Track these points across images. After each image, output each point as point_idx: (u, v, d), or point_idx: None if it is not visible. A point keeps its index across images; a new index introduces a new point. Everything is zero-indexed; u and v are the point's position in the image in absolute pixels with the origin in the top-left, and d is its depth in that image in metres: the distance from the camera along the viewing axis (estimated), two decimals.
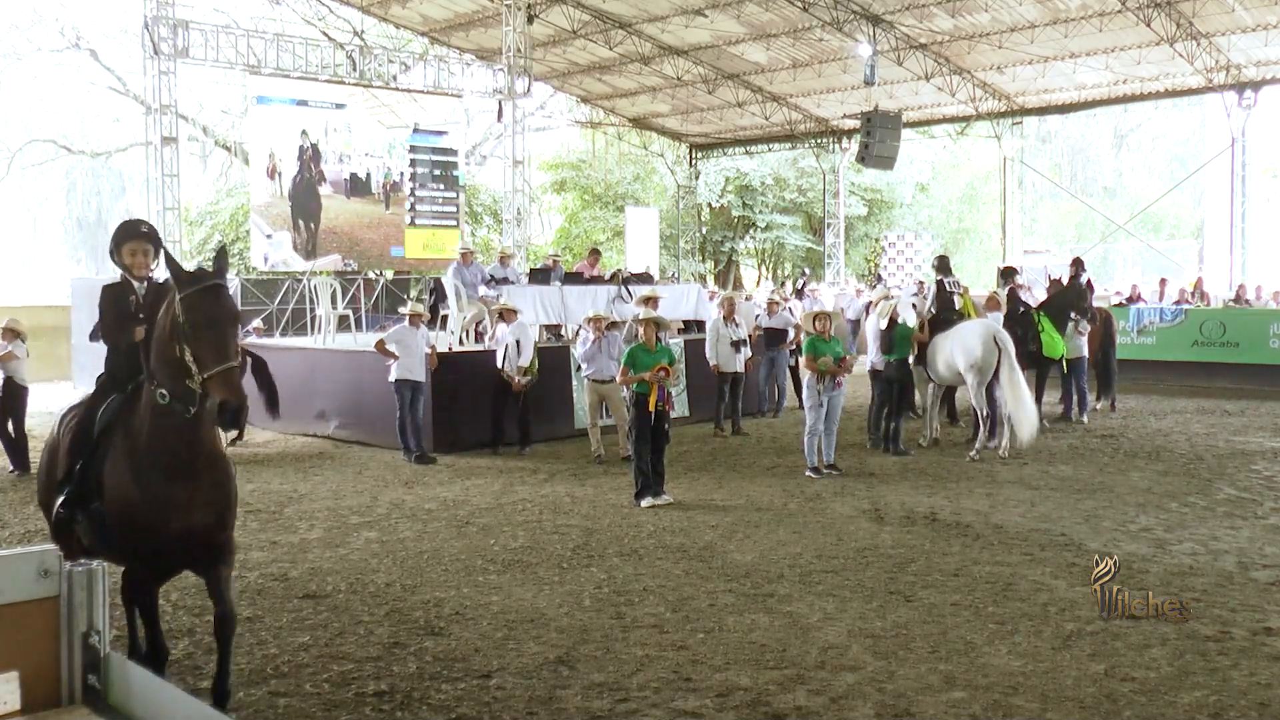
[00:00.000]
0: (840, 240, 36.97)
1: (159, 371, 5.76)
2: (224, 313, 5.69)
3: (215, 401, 5.47)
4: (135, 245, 6.46)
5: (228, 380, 5.49)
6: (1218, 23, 25.00)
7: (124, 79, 37.05)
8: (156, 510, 5.85)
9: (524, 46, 27.13)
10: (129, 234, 6.54)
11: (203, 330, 5.54)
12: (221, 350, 5.54)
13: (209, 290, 5.66)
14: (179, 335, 5.56)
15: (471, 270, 19.25)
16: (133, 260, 6.43)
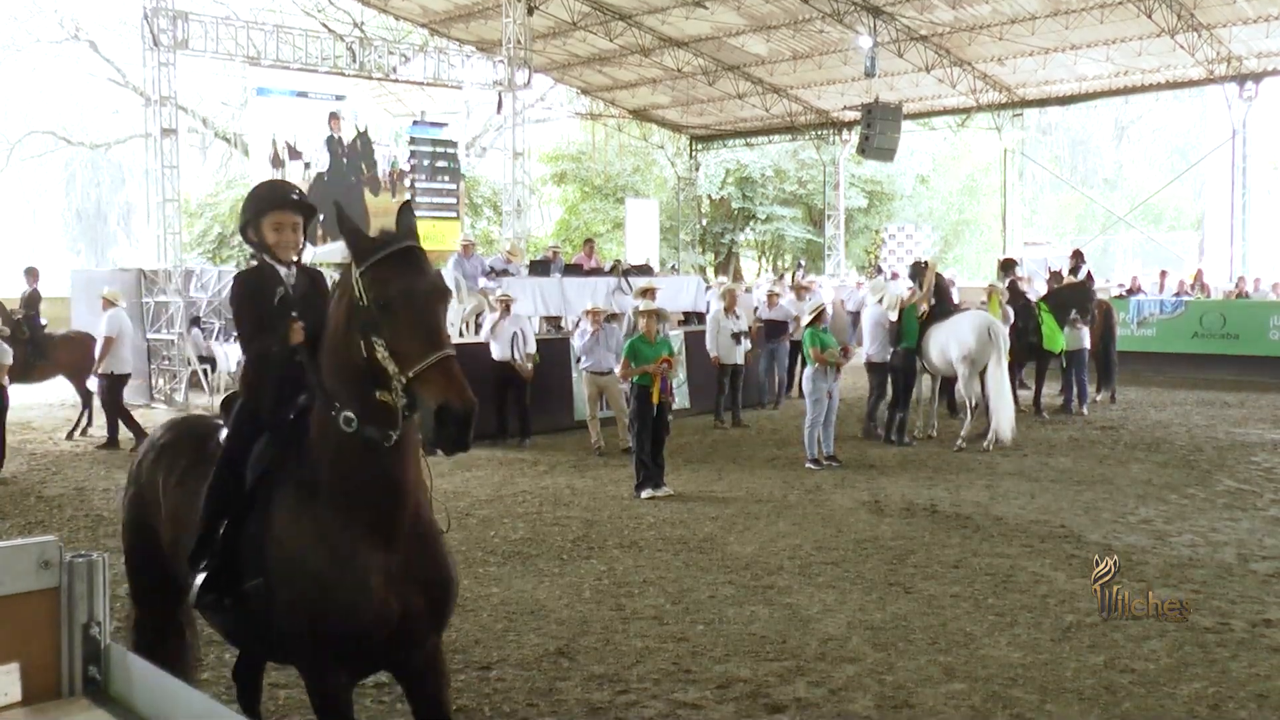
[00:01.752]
0: (840, 232, 36.96)
1: (338, 385, 4.35)
2: (427, 284, 4.26)
3: (429, 409, 3.97)
4: (281, 217, 4.95)
5: (446, 375, 4.01)
6: (1219, 14, 24.96)
7: (123, 70, 36.98)
8: (351, 587, 4.32)
9: (524, 38, 27.07)
10: (273, 202, 5.00)
11: (400, 310, 4.12)
12: (431, 334, 4.10)
13: (403, 255, 4.26)
14: (364, 326, 4.17)
15: (472, 262, 19.25)
16: (278, 238, 4.92)
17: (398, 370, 4.07)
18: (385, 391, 4.17)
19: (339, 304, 4.40)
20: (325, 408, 4.39)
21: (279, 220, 4.94)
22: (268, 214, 4.95)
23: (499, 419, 16.08)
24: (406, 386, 4.05)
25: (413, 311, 4.14)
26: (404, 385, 4.05)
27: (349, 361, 4.28)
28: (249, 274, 5.04)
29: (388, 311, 4.13)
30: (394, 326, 4.11)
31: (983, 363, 14.97)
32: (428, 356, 4.03)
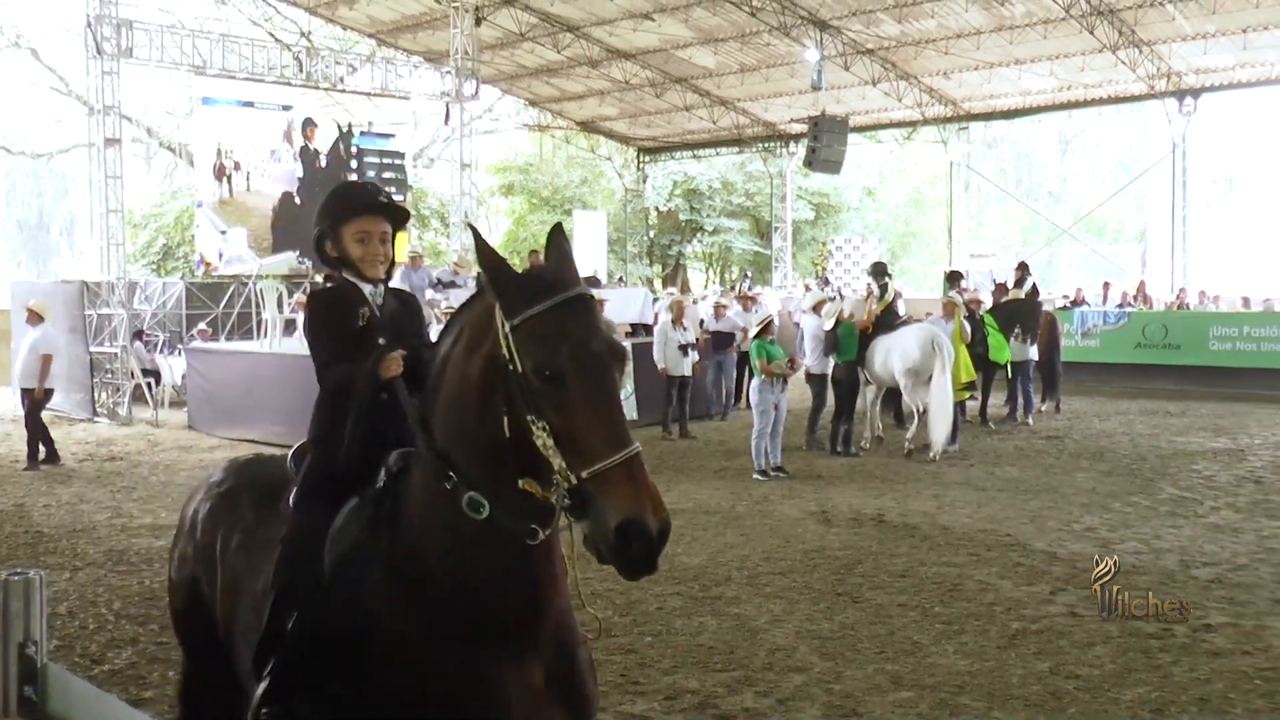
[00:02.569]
0: (788, 244, 37.11)
1: (462, 455, 3.43)
2: (608, 350, 3.31)
3: (609, 524, 3.08)
4: (367, 224, 4.09)
5: (634, 481, 3.16)
6: (1159, 31, 25.32)
7: (66, 79, 36.57)
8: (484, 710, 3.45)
9: (471, 49, 27.01)
10: (357, 206, 4.13)
11: (574, 385, 3.19)
12: (615, 423, 3.22)
13: (574, 307, 3.29)
14: (515, 398, 3.23)
15: (419, 274, 19.18)
16: (364, 250, 4.07)
17: (565, 466, 3.15)
18: (534, 482, 3.30)
19: (472, 357, 3.43)
20: (438, 477, 3.46)
21: (364, 229, 4.10)
22: (350, 221, 4.10)
23: None
24: (576, 487, 3.14)
25: (591, 390, 3.20)
26: (572, 485, 3.14)
27: (485, 435, 3.36)
28: (327, 294, 4.23)
29: (555, 385, 3.18)
30: (563, 407, 3.18)
31: (926, 374, 15.06)
32: (612, 453, 3.14)
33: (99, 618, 8.27)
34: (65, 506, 12.69)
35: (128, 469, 15.36)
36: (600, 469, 3.13)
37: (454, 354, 3.53)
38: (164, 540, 10.79)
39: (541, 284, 3.32)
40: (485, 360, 3.36)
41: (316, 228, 4.19)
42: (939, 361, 14.96)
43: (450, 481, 3.42)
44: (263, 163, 25.03)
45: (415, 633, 3.50)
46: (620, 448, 3.17)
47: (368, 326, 4.06)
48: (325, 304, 4.17)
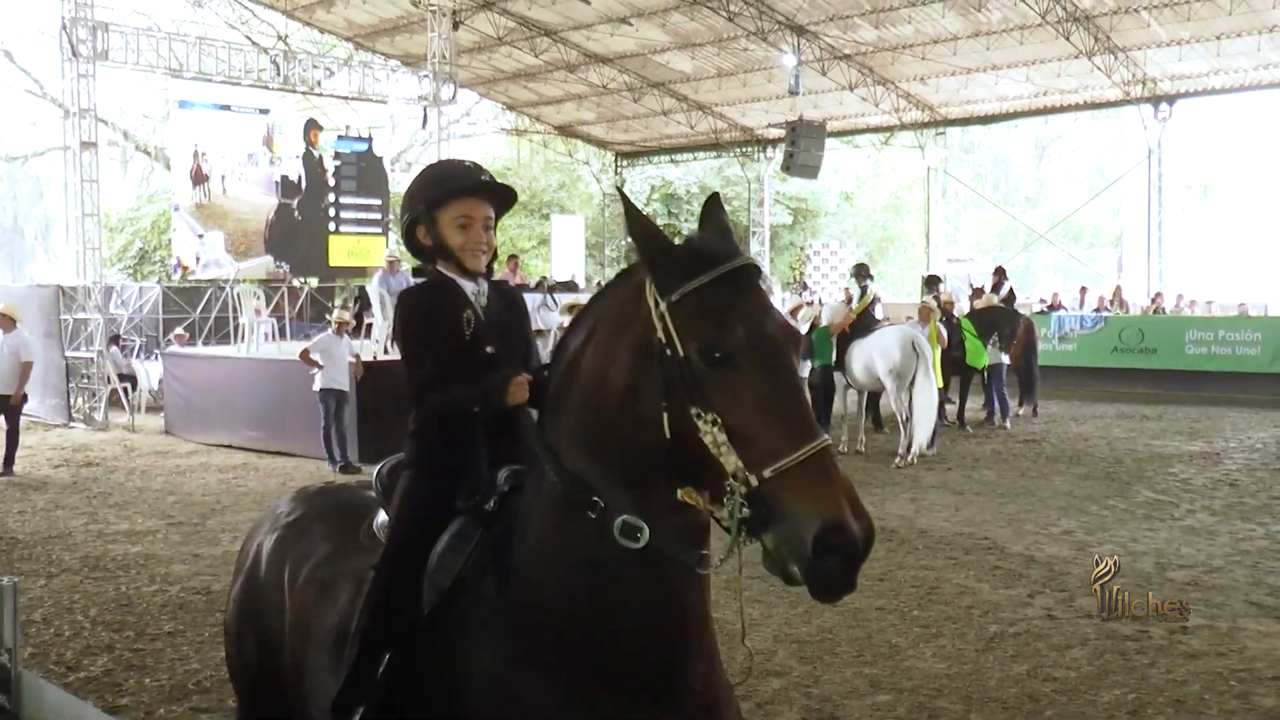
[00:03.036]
0: (766, 249, 37.14)
1: (611, 473, 2.93)
2: (784, 327, 2.89)
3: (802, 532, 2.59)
4: (469, 208, 3.56)
5: (827, 479, 2.63)
6: (1134, 37, 25.45)
7: (41, 82, 36.36)
8: None
9: (449, 53, 26.98)
10: (456, 187, 3.60)
11: (749, 368, 2.72)
12: (799, 411, 2.74)
13: (742, 279, 2.85)
14: (676, 389, 2.74)
15: (397, 279, 19.09)
16: (465, 238, 3.53)
17: (742, 465, 2.63)
18: (695, 492, 2.81)
19: (614, 349, 2.94)
20: (572, 506, 2.96)
21: (466, 213, 3.54)
22: (448, 205, 3.54)
23: None
24: (755, 491, 2.62)
25: (771, 372, 2.74)
26: (752, 489, 2.63)
27: (635, 441, 2.86)
28: (423, 293, 3.58)
29: (727, 369, 2.70)
30: (738, 395, 2.69)
31: (909, 376, 15.09)
32: (798, 446, 2.62)
33: (74, 625, 8.22)
34: (40, 513, 12.61)
35: (104, 475, 15.28)
36: (786, 465, 2.61)
37: (587, 351, 3.03)
38: (140, 546, 10.76)
39: (704, 253, 2.86)
40: (633, 349, 2.87)
41: (407, 213, 3.65)
42: (921, 363, 14.99)
43: (595, 509, 2.90)
44: (239, 166, 24.96)
45: (543, 686, 2.99)
46: (808, 439, 2.64)
47: (475, 333, 3.50)
48: (423, 305, 3.51)
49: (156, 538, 11.21)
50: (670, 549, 2.91)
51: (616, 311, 2.99)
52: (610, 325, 2.99)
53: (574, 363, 3.07)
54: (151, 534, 11.38)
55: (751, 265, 2.87)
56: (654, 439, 2.80)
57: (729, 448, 2.65)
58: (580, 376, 3.03)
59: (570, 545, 2.99)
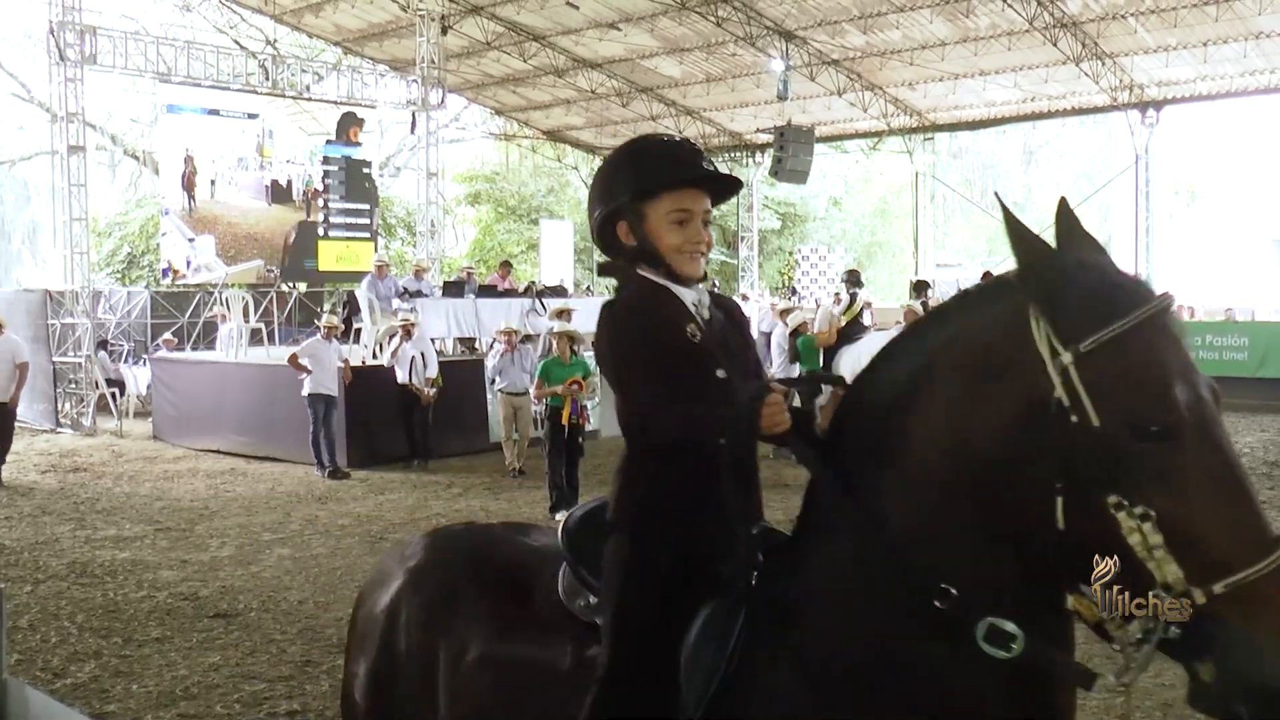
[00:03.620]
0: (754, 254, 37.19)
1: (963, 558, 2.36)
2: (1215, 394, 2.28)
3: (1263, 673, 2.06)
4: (691, 200, 2.93)
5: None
6: (1121, 43, 25.53)
7: (28, 85, 36.29)
8: None
9: (438, 58, 26.97)
10: (675, 175, 2.93)
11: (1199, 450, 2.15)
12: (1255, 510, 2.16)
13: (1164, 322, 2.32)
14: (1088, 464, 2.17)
15: (385, 283, 19.12)
16: (684, 238, 2.92)
17: (1183, 576, 2.10)
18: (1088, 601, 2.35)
19: (979, 398, 2.35)
20: (902, 589, 2.39)
21: (685, 207, 2.92)
22: (662, 196, 2.91)
23: (409, 443, 15.96)
24: (1199, 609, 2.09)
25: (1222, 454, 2.16)
26: (1195, 606, 2.09)
27: (1005, 526, 2.31)
28: (636, 300, 2.92)
29: (1164, 450, 2.13)
30: (1180, 484, 2.12)
31: None
32: (1261, 555, 2.07)
33: (61, 631, 8.20)
34: (27, 518, 12.58)
35: (91, 480, 15.24)
36: (1246, 580, 2.05)
37: (925, 394, 2.44)
38: (128, 552, 10.73)
39: (1118, 286, 2.35)
40: (1015, 409, 2.26)
41: (603, 205, 2.98)
42: None
43: (946, 600, 2.30)
44: (229, 170, 24.94)
45: None
46: (1273, 547, 2.07)
47: (700, 350, 2.87)
48: (639, 318, 2.85)
49: (144, 543, 11.19)
50: (1052, 664, 2.44)
51: (980, 348, 2.36)
52: (970, 366, 2.36)
53: (900, 406, 2.47)
54: (139, 540, 11.36)
55: (1173, 305, 2.34)
56: (1035, 527, 2.23)
57: (1165, 552, 2.08)
58: (916, 427, 2.43)
59: (901, 647, 2.38)
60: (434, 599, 3.24)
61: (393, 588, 3.38)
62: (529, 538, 3.44)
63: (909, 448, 2.43)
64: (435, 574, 3.33)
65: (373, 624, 3.39)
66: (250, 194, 25.35)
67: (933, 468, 2.38)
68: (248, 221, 25.30)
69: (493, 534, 3.62)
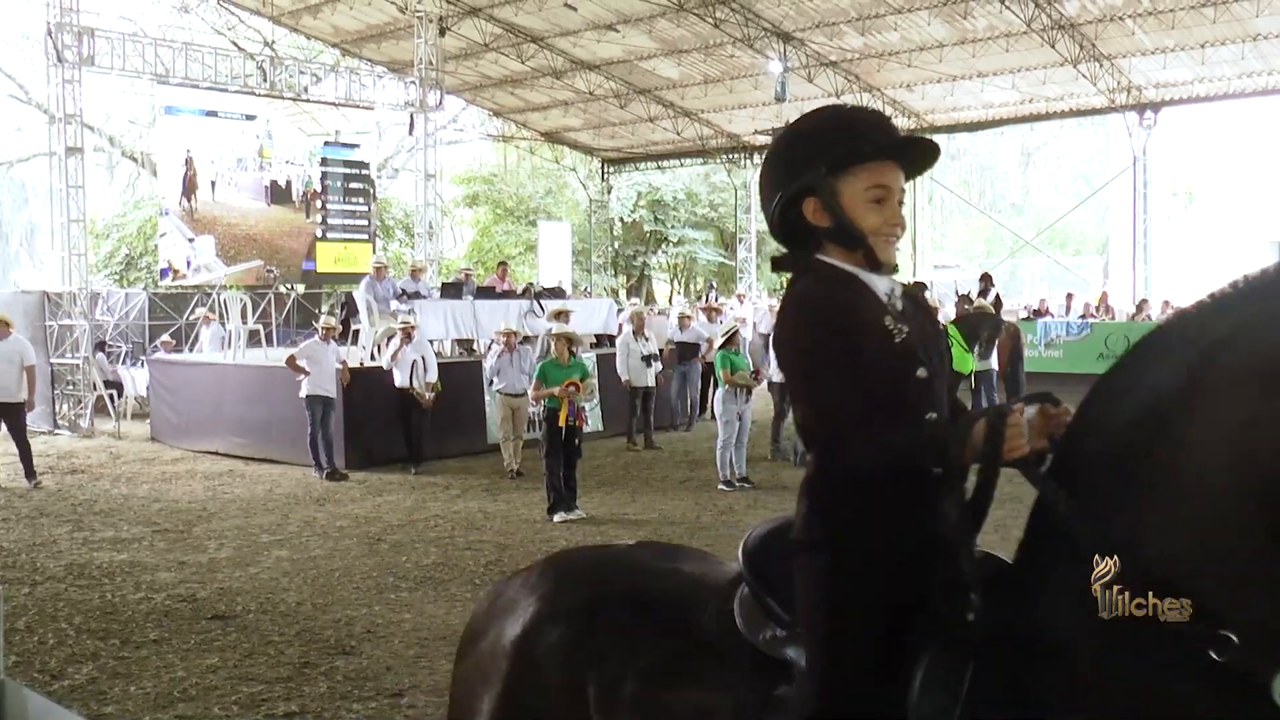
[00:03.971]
0: (752, 255, 37.19)
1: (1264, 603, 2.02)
2: None
3: None
4: (887, 175, 2.60)
5: None
6: (1119, 45, 25.56)
7: (26, 87, 36.27)
8: None
9: (436, 59, 26.96)
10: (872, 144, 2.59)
11: None
12: None
13: None
14: None
15: (384, 285, 19.09)
16: (881, 218, 2.58)
17: None
18: None
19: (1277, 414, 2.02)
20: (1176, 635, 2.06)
21: (885, 183, 2.59)
22: (856, 169, 2.57)
23: (407, 445, 15.92)
24: None
25: None
26: None
27: None
28: (824, 289, 2.55)
29: None
30: None
31: None
32: None
33: (59, 633, 8.19)
34: (25, 520, 12.56)
35: (89, 482, 15.23)
36: None
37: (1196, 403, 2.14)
38: (125, 553, 10.72)
39: None
40: None
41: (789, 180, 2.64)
42: None
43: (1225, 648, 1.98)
44: (229, 171, 24.94)
45: None
46: None
47: (900, 349, 2.51)
48: (833, 315, 2.49)
49: (142, 545, 11.18)
50: None
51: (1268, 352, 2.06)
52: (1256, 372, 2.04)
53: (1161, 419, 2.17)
54: (137, 541, 11.35)
55: None
56: None
57: None
58: (1185, 444, 2.11)
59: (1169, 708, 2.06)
60: (577, 627, 2.92)
61: (522, 617, 3.04)
62: (670, 560, 3.08)
63: (1177, 468, 2.10)
64: (573, 600, 3.00)
65: (498, 658, 3.05)
66: (250, 195, 25.35)
67: (1209, 492, 2.05)
68: (247, 222, 25.30)
69: (628, 557, 3.21)
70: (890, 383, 2.45)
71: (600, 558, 3.30)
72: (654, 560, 3.08)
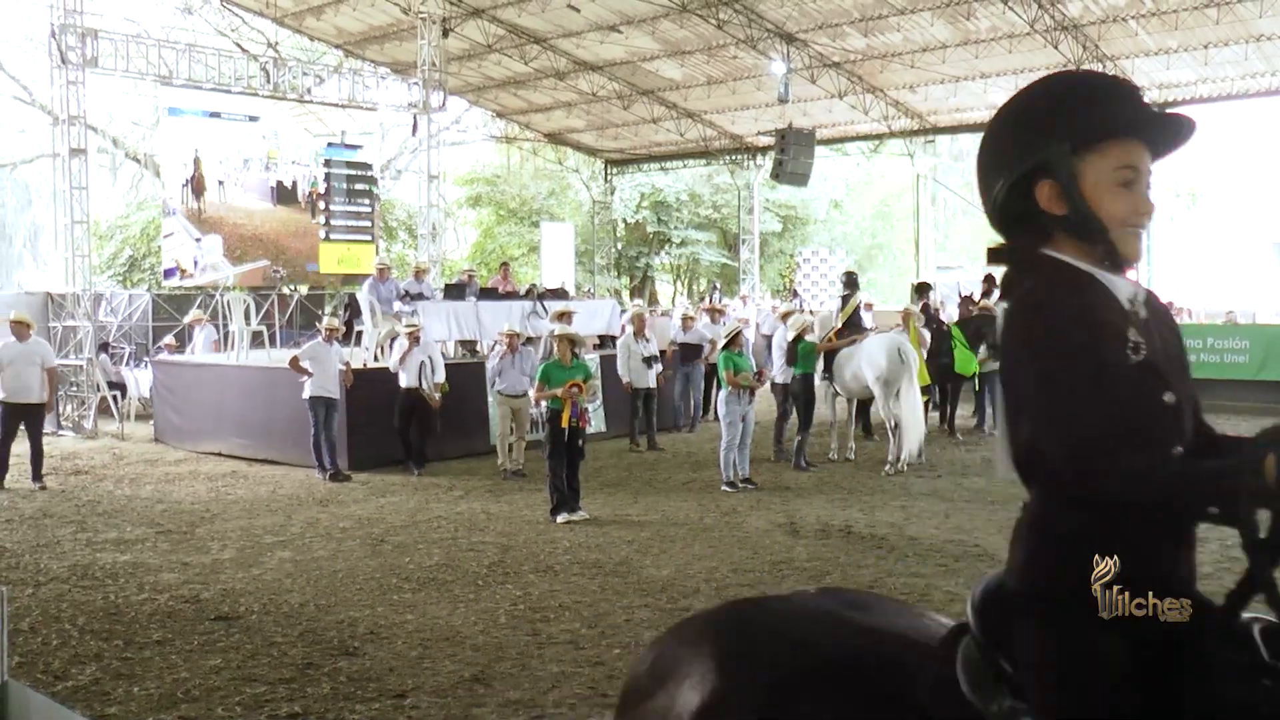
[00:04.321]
0: (755, 256, 37.18)
1: None
2: None
3: None
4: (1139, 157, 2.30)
5: None
6: (1122, 46, 25.53)
7: (30, 88, 36.29)
8: None
9: (439, 60, 26.98)
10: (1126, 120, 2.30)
11: None
12: None
13: None
14: None
15: (387, 286, 19.12)
16: (1129, 204, 2.30)
17: None
18: None
19: None
20: None
21: (1134, 164, 2.29)
22: (1108, 146, 2.26)
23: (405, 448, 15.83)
24: None
25: None
26: None
27: None
28: (1064, 292, 2.20)
29: None
30: None
31: (896, 383, 15.11)
32: None
33: (62, 633, 8.19)
34: (28, 521, 12.58)
35: (92, 483, 15.24)
36: None
37: None
38: (129, 554, 10.74)
39: None
40: None
41: (1018, 161, 2.30)
42: (906, 371, 15.04)
43: None
44: (235, 171, 24.96)
45: None
46: None
47: (1145, 366, 2.14)
48: (1072, 316, 2.14)
49: (145, 546, 11.19)
50: None
51: None
52: None
53: None
54: (140, 542, 11.36)
55: None
56: None
57: None
58: None
59: None
60: (774, 707, 2.41)
61: (701, 688, 2.52)
62: (866, 613, 2.62)
63: None
64: (763, 670, 2.48)
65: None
66: (256, 195, 25.38)
67: None
68: (253, 223, 25.33)
69: (818, 611, 2.68)
70: (1134, 408, 2.08)
71: (785, 612, 2.70)
72: (848, 614, 2.60)
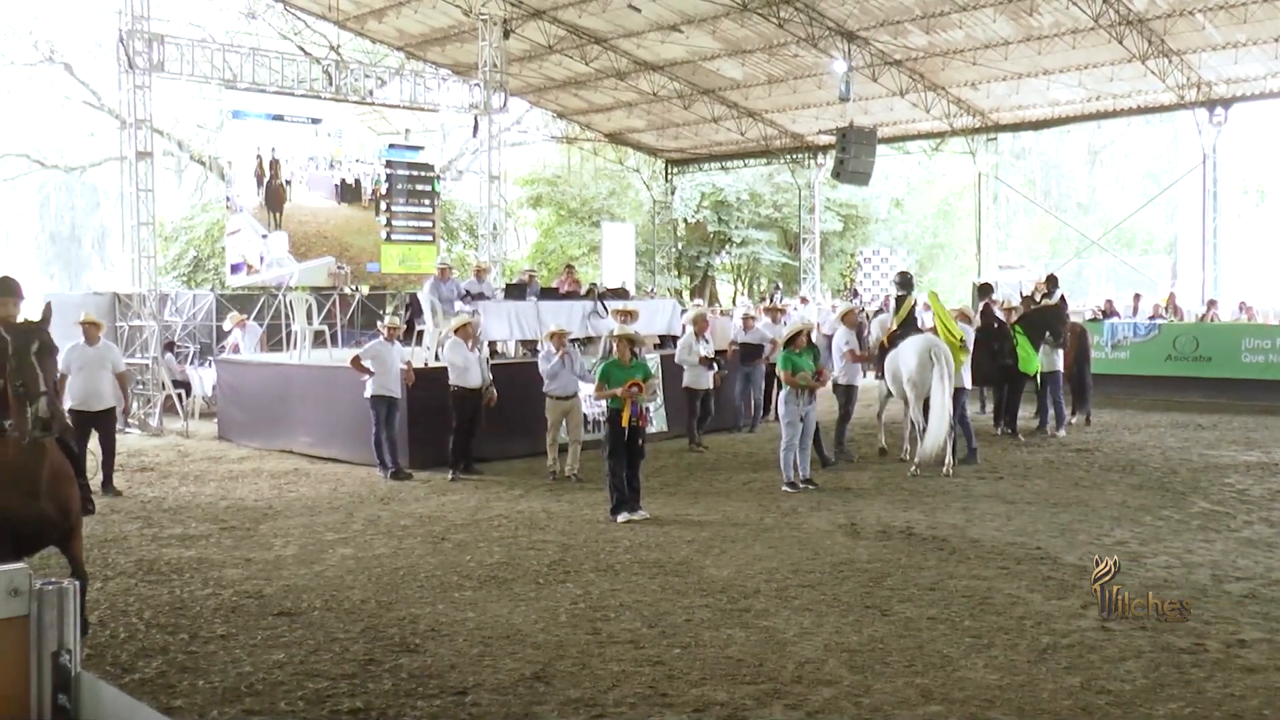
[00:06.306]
0: (816, 255, 37.05)
1: None
2: None
3: None
4: None
5: None
6: (1188, 40, 25.19)
7: (99, 93, 36.87)
8: None
9: (500, 62, 27.08)
10: None
11: None
12: None
13: None
14: None
15: (448, 286, 19.20)
16: None
17: None
18: None
19: None
20: None
21: None
22: None
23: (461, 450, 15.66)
24: None
25: None
26: None
27: None
28: None
29: None
30: None
31: (926, 385, 14.81)
32: None
33: (130, 627, 8.31)
34: (96, 516, 12.70)
35: (158, 479, 15.45)
36: None
37: None
38: (193, 550, 10.88)
39: None
40: None
41: None
42: (937, 371, 14.72)
43: None
44: (300, 170, 25.19)
45: None
46: None
47: None
48: None
49: (209, 542, 11.32)
50: None
51: None
52: None
53: None
54: (204, 538, 11.50)
55: None
56: None
57: None
58: None
59: None
60: None
61: None
62: None
63: None
64: None
65: None
66: (322, 194, 25.60)
67: None
68: (317, 220, 25.55)
69: None
70: None
71: None
72: None
